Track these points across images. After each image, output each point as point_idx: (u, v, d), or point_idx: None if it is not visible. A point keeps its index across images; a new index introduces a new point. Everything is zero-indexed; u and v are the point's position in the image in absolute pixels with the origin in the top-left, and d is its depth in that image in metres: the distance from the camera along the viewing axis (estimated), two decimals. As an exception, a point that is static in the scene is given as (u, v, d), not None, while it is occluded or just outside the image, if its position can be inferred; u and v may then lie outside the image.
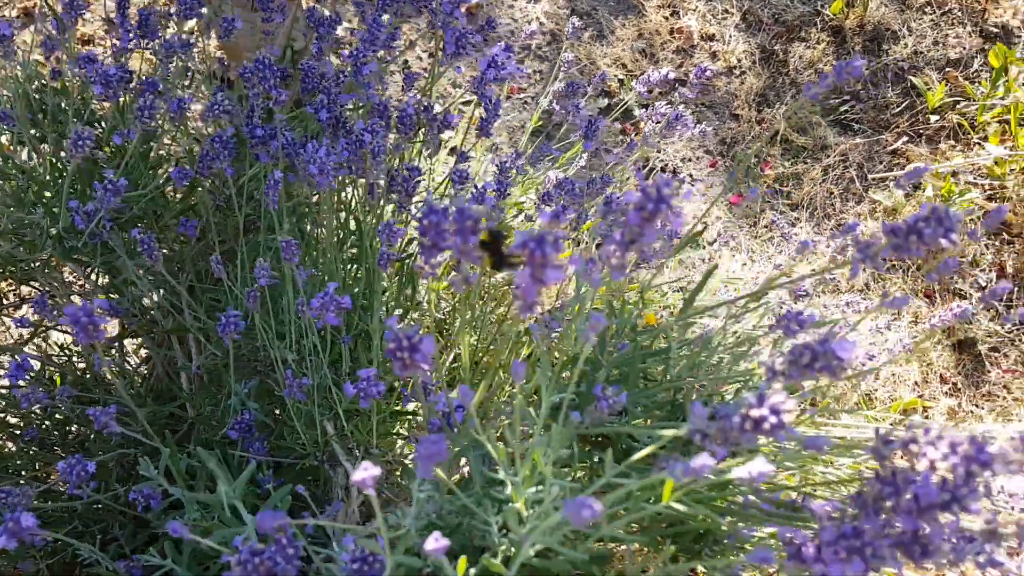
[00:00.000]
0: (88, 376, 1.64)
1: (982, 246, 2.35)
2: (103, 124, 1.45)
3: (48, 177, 1.42)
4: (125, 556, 1.38)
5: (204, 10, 1.91)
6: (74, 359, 1.67)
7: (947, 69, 2.68)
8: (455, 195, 1.22)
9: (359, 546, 0.76)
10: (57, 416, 1.58)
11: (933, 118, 2.57)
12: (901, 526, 0.64)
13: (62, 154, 1.39)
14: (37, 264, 1.50)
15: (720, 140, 2.75)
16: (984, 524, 0.65)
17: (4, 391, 1.46)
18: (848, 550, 0.64)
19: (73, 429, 1.61)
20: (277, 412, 1.49)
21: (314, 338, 1.17)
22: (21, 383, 1.37)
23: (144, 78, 1.29)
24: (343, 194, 1.55)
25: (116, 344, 1.71)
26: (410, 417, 1.53)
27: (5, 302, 1.73)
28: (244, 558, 0.76)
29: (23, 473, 1.54)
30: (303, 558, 1.14)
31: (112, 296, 1.57)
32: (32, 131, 1.38)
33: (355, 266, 1.43)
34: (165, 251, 1.58)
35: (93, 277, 1.57)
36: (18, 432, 1.49)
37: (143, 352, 1.87)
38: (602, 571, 0.82)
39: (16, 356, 1.38)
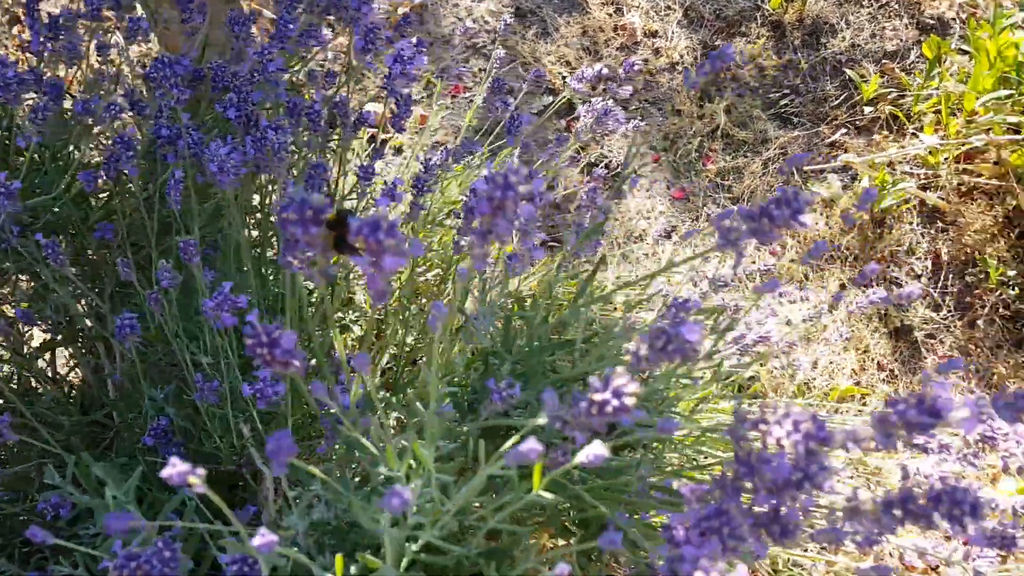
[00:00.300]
0: (16, 387, 1.62)
1: (918, 235, 2.38)
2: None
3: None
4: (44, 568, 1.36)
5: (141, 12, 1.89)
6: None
7: (884, 61, 2.71)
8: (362, 191, 1.22)
9: (236, 549, 0.76)
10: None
11: (868, 110, 2.60)
12: (760, 506, 0.65)
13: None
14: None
15: (663, 136, 2.77)
16: (845, 502, 0.66)
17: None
18: (708, 531, 0.64)
19: None
20: (207, 420, 1.47)
21: (221, 339, 1.16)
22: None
23: (50, 81, 1.27)
24: (266, 195, 1.54)
25: (47, 352, 1.69)
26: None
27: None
28: (120, 563, 0.75)
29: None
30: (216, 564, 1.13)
31: (37, 304, 1.55)
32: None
33: (273, 270, 1.42)
34: (93, 256, 1.56)
35: (16, 283, 1.55)
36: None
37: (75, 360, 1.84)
38: (489, 564, 0.81)
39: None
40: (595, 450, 0.56)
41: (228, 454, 1.32)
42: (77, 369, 1.81)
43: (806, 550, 1.55)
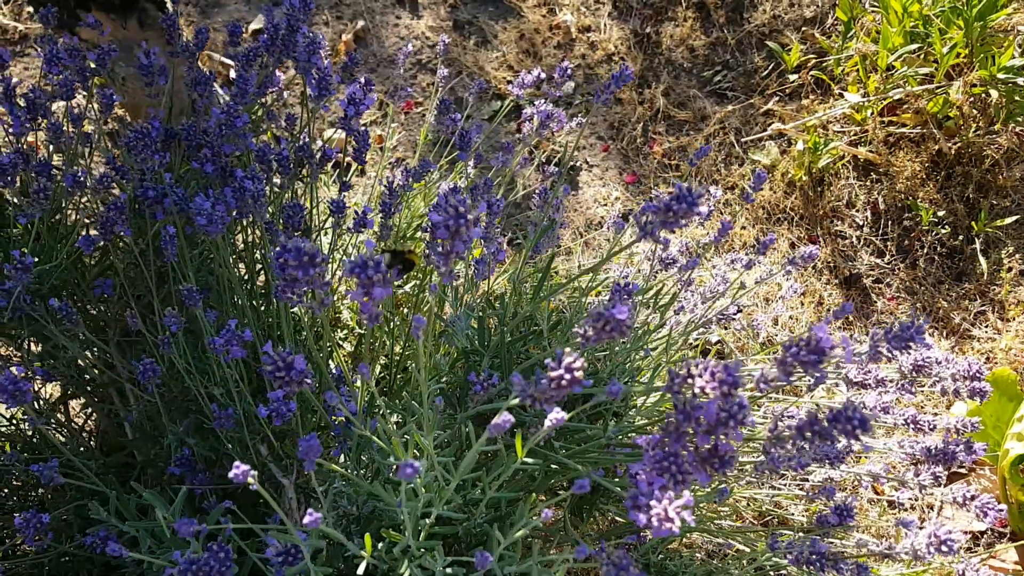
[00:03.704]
0: (37, 440, 1.74)
1: (855, 188, 2.55)
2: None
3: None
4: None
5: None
6: (23, 426, 1.77)
7: (804, 28, 2.88)
8: (336, 223, 1.36)
9: (282, 542, 0.90)
10: (15, 482, 1.68)
11: (792, 77, 2.76)
12: (699, 444, 0.80)
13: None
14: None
15: (609, 125, 2.92)
16: (768, 433, 0.81)
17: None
18: (659, 470, 0.79)
19: (33, 493, 1.71)
20: (228, 445, 1.61)
21: (231, 371, 1.29)
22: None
23: (39, 160, 1.39)
24: (248, 235, 1.68)
25: (60, 405, 1.81)
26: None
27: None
28: (183, 567, 0.89)
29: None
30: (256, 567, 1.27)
31: (49, 361, 1.67)
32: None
33: (263, 301, 1.56)
34: (93, 311, 1.68)
35: (29, 346, 1.67)
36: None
37: (90, 409, 1.97)
38: (492, 528, 0.96)
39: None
40: (556, 416, 0.71)
41: (249, 473, 1.45)
42: (91, 418, 1.94)
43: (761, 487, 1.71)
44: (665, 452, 0.80)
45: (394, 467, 1.01)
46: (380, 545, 0.93)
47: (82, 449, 1.78)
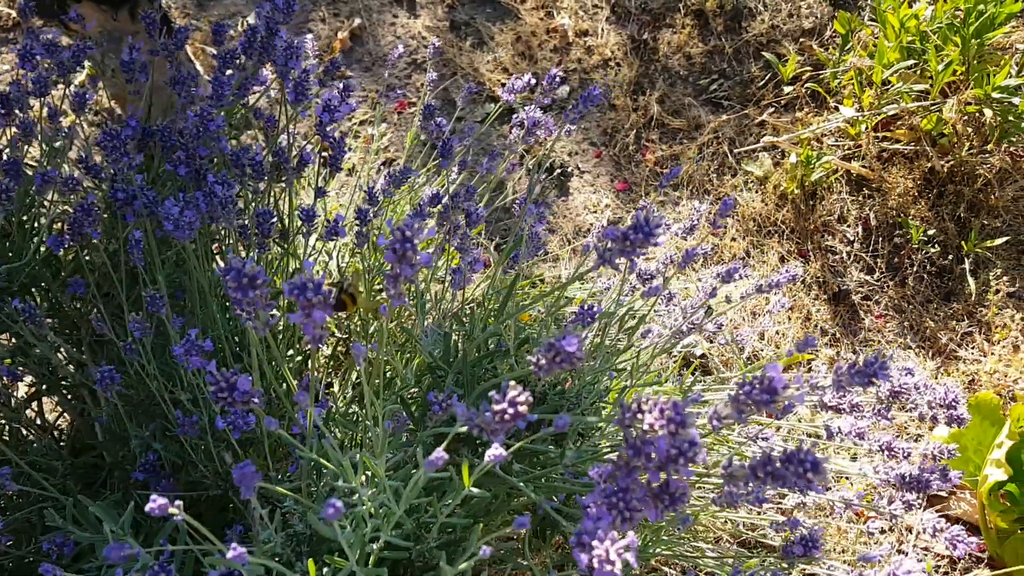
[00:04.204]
0: (8, 438, 1.72)
1: (847, 203, 2.53)
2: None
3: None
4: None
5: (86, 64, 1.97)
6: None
7: (802, 39, 2.85)
8: (307, 232, 1.34)
9: (221, 564, 0.88)
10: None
11: (787, 89, 2.74)
12: (651, 480, 0.78)
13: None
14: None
15: (602, 131, 2.90)
16: (722, 470, 0.79)
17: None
18: (607, 505, 0.77)
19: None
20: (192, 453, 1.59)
21: (195, 378, 1.27)
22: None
23: (7, 158, 1.37)
24: (223, 236, 1.65)
25: (32, 403, 1.79)
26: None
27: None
28: (123, 586, 0.87)
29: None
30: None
31: (19, 358, 1.65)
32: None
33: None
34: (67, 308, 1.66)
35: (2, 342, 1.65)
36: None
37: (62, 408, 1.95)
38: (442, 554, 0.94)
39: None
40: (495, 452, 0.69)
41: (214, 480, 1.43)
42: (64, 415, 1.92)
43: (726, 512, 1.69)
44: (616, 487, 0.78)
45: (344, 490, 1.00)
46: (325, 571, 0.91)
47: (54, 448, 1.76)
